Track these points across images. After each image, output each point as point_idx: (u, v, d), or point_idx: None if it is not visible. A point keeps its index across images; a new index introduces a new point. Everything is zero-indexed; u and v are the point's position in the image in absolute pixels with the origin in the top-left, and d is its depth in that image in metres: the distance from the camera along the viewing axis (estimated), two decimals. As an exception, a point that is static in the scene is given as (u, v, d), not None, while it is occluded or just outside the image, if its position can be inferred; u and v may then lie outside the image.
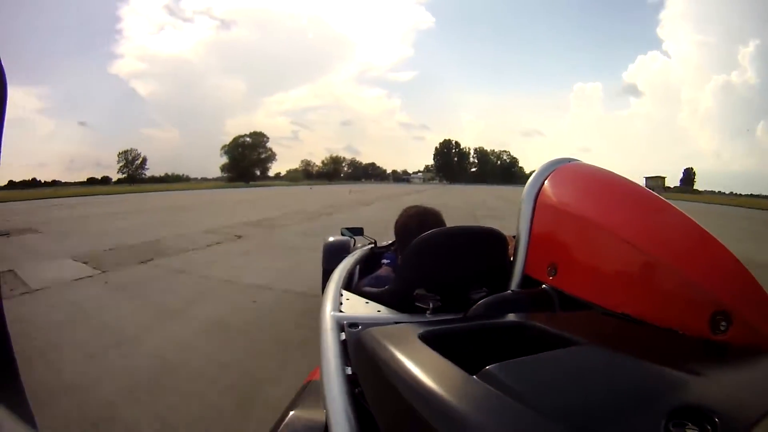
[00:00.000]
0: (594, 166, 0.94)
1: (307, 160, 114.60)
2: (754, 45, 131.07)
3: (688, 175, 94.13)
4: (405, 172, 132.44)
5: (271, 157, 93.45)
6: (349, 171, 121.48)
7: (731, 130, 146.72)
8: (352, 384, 0.62)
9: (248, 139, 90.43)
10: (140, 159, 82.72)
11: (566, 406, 0.38)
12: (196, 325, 3.64)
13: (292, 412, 0.82)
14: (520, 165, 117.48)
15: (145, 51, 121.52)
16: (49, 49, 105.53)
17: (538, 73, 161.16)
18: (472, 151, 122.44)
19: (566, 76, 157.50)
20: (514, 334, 0.61)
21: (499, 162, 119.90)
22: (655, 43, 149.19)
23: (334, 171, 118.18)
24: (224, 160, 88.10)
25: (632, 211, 0.79)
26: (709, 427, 0.34)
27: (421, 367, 0.45)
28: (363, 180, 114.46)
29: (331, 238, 2.73)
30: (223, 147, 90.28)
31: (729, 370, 0.50)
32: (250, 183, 77.21)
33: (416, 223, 1.47)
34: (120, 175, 79.43)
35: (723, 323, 0.59)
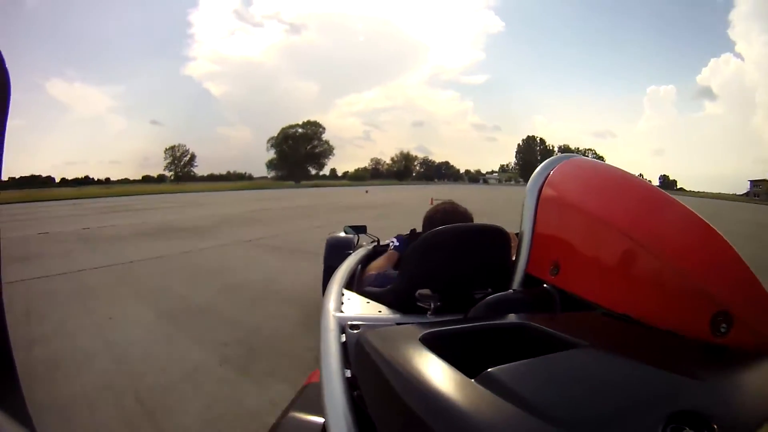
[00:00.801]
0: (597, 162, 0.90)
1: (377, 158, 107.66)
2: None
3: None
4: (479, 172, 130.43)
5: (328, 151, 78.55)
6: (422, 170, 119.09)
7: None
8: (351, 387, 0.62)
9: (300, 129, 76.63)
10: (188, 156, 76.00)
11: (565, 410, 0.38)
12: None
13: (290, 415, 0.81)
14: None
15: (217, 54, 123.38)
16: (124, 53, 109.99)
17: (610, 75, 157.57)
18: (556, 149, 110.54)
19: (639, 79, 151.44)
20: (515, 336, 0.62)
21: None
22: (728, 45, 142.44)
23: (405, 169, 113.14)
24: (272, 155, 78.61)
25: (636, 209, 0.77)
26: (705, 429, 0.35)
27: (420, 372, 0.46)
28: (436, 180, 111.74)
29: (333, 235, 2.60)
30: (270, 140, 78.42)
31: (728, 374, 0.51)
32: (302, 182, 64.76)
33: (440, 217, 1.47)
34: (167, 173, 75.06)
35: (723, 325, 0.60)
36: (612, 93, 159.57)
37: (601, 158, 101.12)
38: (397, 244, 1.61)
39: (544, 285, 0.84)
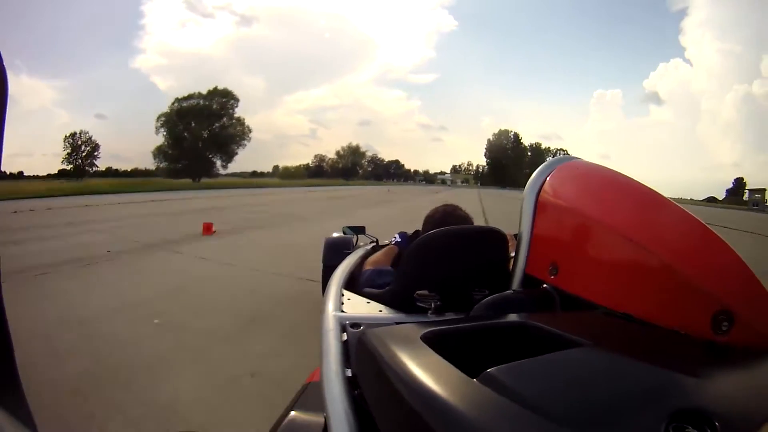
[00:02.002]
0: (595, 164, 0.96)
1: (321, 155, 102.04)
2: None
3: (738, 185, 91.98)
4: (427, 173, 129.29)
5: (242, 134, 58.95)
6: (369, 169, 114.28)
7: (752, 141, 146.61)
8: (352, 385, 0.65)
9: (201, 101, 56.51)
10: (91, 146, 56.62)
11: (566, 409, 0.39)
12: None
13: (291, 414, 0.85)
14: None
15: (166, 47, 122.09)
16: (74, 44, 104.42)
17: (558, 78, 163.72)
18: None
19: (586, 83, 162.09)
20: (515, 335, 0.64)
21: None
22: (678, 51, 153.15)
23: (352, 166, 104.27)
24: (161, 139, 57.27)
25: (634, 209, 0.82)
26: (708, 430, 0.36)
27: (422, 370, 0.47)
28: (384, 180, 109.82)
29: (332, 235, 2.73)
30: (159, 118, 57.90)
31: (730, 372, 0.53)
32: (202, 181, 33.96)
33: (440, 218, 1.55)
34: (66, 166, 56.33)
35: (725, 323, 0.61)
36: (559, 96, 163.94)
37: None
38: (399, 240, 1.69)
39: (544, 285, 0.89)
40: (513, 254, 0.98)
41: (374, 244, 2.15)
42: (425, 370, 0.47)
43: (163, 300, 4.24)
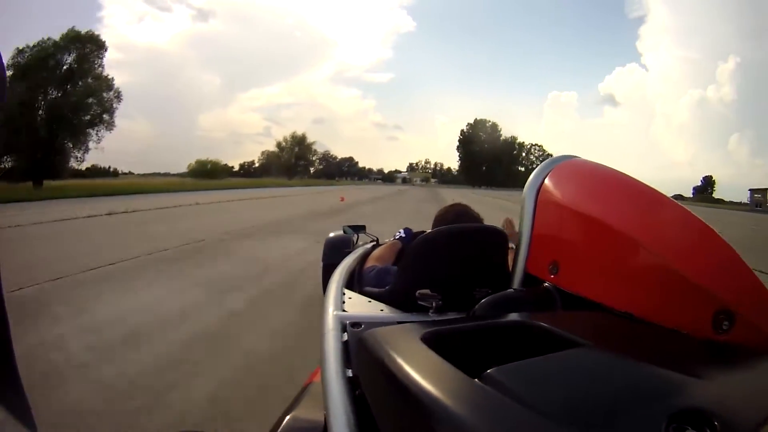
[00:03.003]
0: (596, 163, 1.00)
1: (267, 151, 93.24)
2: (734, 62, 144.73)
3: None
4: (381, 171, 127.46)
5: (107, 104, 33.89)
6: (321, 167, 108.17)
7: (706, 142, 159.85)
8: (352, 386, 0.67)
9: (53, 50, 32.19)
10: None
11: (567, 408, 0.40)
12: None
13: (291, 414, 0.85)
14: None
15: (124, 40, 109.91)
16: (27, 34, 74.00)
17: (514, 79, 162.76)
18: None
19: (542, 84, 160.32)
20: (516, 334, 0.67)
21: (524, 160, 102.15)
22: (634, 56, 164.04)
23: (298, 162, 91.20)
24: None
25: (634, 208, 0.85)
26: (708, 430, 0.37)
27: (422, 370, 0.48)
28: (337, 178, 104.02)
29: (332, 234, 2.72)
30: None
31: (731, 371, 0.54)
32: (44, 183, 28.13)
33: (453, 216, 1.60)
34: None
35: (725, 322, 0.63)
36: (514, 97, 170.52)
37: (550, 155, 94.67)
38: (404, 235, 1.74)
39: (545, 284, 0.91)
40: (512, 246, 1.01)
41: (374, 243, 2.19)
42: (426, 371, 0.48)
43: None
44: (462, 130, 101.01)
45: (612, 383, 0.46)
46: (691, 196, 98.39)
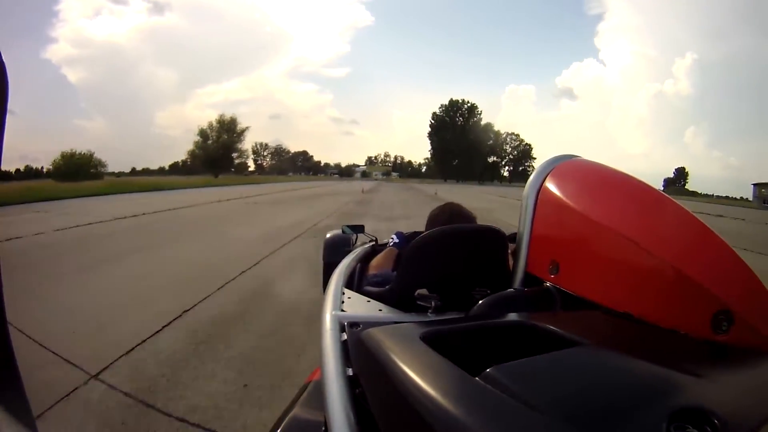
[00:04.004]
0: (596, 163, 1.03)
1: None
2: (692, 58, 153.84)
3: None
4: (339, 165, 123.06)
5: None
6: (273, 162, 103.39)
7: (661, 134, 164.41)
8: (352, 385, 0.68)
9: None
10: None
11: (568, 408, 0.42)
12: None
13: (292, 413, 0.88)
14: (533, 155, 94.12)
15: (80, 35, 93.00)
16: None
17: (472, 73, 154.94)
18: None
19: (500, 78, 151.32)
20: (516, 334, 0.69)
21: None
22: (592, 52, 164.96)
23: (225, 153, 72.49)
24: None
25: (634, 209, 0.87)
26: (708, 429, 0.38)
27: (422, 369, 0.50)
28: (291, 174, 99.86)
29: (331, 233, 2.71)
30: None
31: (730, 372, 0.57)
32: None
33: (447, 216, 1.62)
34: None
35: (725, 323, 0.66)
36: (472, 90, 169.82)
37: (528, 146, 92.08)
38: (397, 240, 1.73)
39: (545, 284, 0.94)
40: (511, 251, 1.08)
41: (373, 242, 2.24)
42: (426, 369, 0.49)
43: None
44: (434, 114, 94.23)
45: (612, 382, 0.48)
46: (662, 188, 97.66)
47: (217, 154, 71.34)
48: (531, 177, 1.01)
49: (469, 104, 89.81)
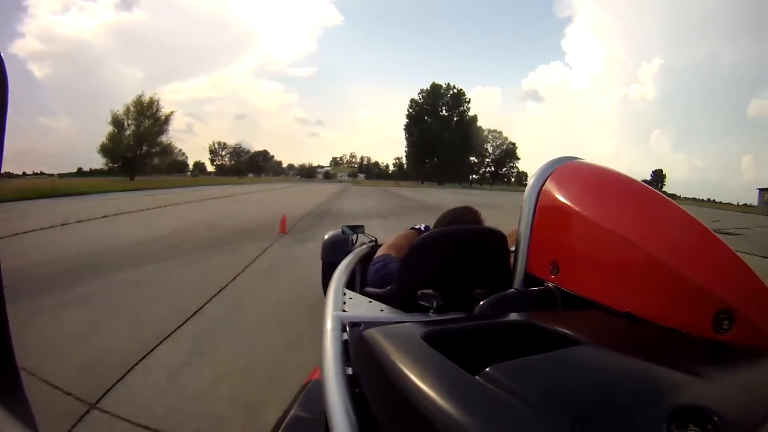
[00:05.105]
0: (597, 165, 1.06)
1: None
2: (658, 63, 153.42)
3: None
4: (304, 166, 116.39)
5: None
6: (232, 163, 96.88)
7: (627, 137, 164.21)
8: (353, 384, 0.70)
9: None
10: None
11: (568, 406, 0.42)
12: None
13: (292, 413, 0.89)
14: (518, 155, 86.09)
15: (47, 31, 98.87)
16: None
17: (439, 75, 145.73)
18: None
19: (466, 80, 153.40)
20: (517, 334, 0.71)
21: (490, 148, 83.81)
22: (559, 54, 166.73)
23: (142, 150, 53.52)
24: None
25: (635, 209, 0.89)
26: (710, 428, 0.38)
27: (423, 368, 0.51)
28: (251, 175, 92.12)
29: (331, 233, 2.85)
30: None
31: (732, 371, 0.58)
32: None
33: (451, 216, 1.66)
34: None
35: (726, 322, 0.67)
36: None
37: (513, 145, 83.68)
38: (423, 227, 1.85)
39: (546, 284, 0.97)
40: (513, 249, 1.13)
41: (373, 243, 2.26)
42: (426, 368, 0.51)
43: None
44: (413, 100, 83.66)
45: (612, 381, 0.49)
46: None
47: (131, 148, 51.90)
48: (532, 178, 1.05)
49: (455, 90, 79.64)
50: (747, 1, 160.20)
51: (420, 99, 79.81)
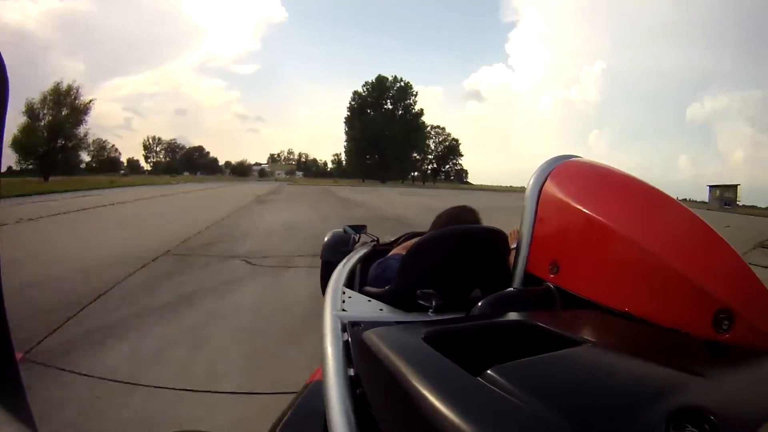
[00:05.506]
0: (596, 163, 1.05)
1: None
2: (600, 67, 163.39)
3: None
4: (242, 164, 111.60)
5: None
6: (167, 160, 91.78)
7: (565, 136, 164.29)
8: (354, 385, 0.71)
9: None
10: None
11: (568, 407, 0.42)
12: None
13: (293, 413, 0.86)
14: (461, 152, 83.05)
15: None
16: None
17: (382, 73, 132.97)
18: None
19: (409, 79, 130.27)
20: (517, 333, 0.70)
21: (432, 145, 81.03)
22: (502, 57, 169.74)
23: (61, 144, 45.64)
24: None
25: (635, 208, 0.89)
26: (708, 428, 0.38)
27: (424, 369, 0.50)
28: (186, 173, 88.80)
29: (332, 231, 2.76)
30: None
31: (731, 371, 0.58)
32: None
33: (447, 215, 1.63)
34: None
35: (725, 322, 0.67)
36: None
37: (456, 141, 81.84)
38: None
39: (545, 284, 0.96)
40: (514, 246, 1.11)
41: (375, 243, 2.29)
42: (428, 369, 0.50)
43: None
44: (356, 92, 78.15)
45: (612, 381, 0.49)
46: None
47: (45, 142, 44.33)
48: (532, 177, 1.04)
49: (402, 82, 76.18)
50: (689, 11, 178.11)
51: (364, 91, 76.43)
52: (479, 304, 0.91)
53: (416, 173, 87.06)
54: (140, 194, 23.97)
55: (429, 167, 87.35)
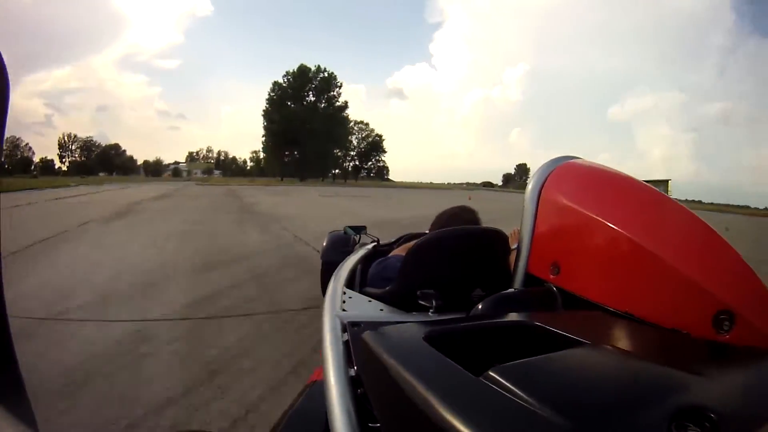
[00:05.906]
0: (597, 164, 1.07)
1: None
2: (523, 69, 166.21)
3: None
4: (159, 163, 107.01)
5: None
6: (82, 159, 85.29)
7: (486, 134, 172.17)
8: (355, 385, 0.71)
9: None
10: None
11: (570, 407, 0.42)
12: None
13: (294, 413, 0.87)
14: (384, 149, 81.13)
15: None
16: None
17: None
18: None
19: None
20: (518, 334, 0.71)
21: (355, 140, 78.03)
22: (425, 57, 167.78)
23: None
24: None
25: (635, 209, 0.89)
26: (708, 426, 0.38)
27: (424, 369, 0.51)
28: (102, 174, 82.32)
29: (332, 233, 2.89)
30: None
31: (732, 371, 0.59)
32: None
33: (447, 215, 1.66)
34: None
35: (726, 323, 0.68)
36: None
37: (379, 137, 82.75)
38: None
39: (546, 284, 0.97)
40: (515, 247, 1.10)
41: (375, 243, 2.27)
42: (428, 369, 0.51)
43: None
44: (276, 83, 71.71)
45: (613, 382, 0.50)
46: (500, 183, 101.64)
47: None
48: (532, 178, 1.04)
49: (326, 73, 70.92)
50: (614, 17, 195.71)
51: (285, 82, 70.21)
52: (480, 304, 0.90)
53: (337, 170, 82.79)
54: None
55: (351, 164, 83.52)
